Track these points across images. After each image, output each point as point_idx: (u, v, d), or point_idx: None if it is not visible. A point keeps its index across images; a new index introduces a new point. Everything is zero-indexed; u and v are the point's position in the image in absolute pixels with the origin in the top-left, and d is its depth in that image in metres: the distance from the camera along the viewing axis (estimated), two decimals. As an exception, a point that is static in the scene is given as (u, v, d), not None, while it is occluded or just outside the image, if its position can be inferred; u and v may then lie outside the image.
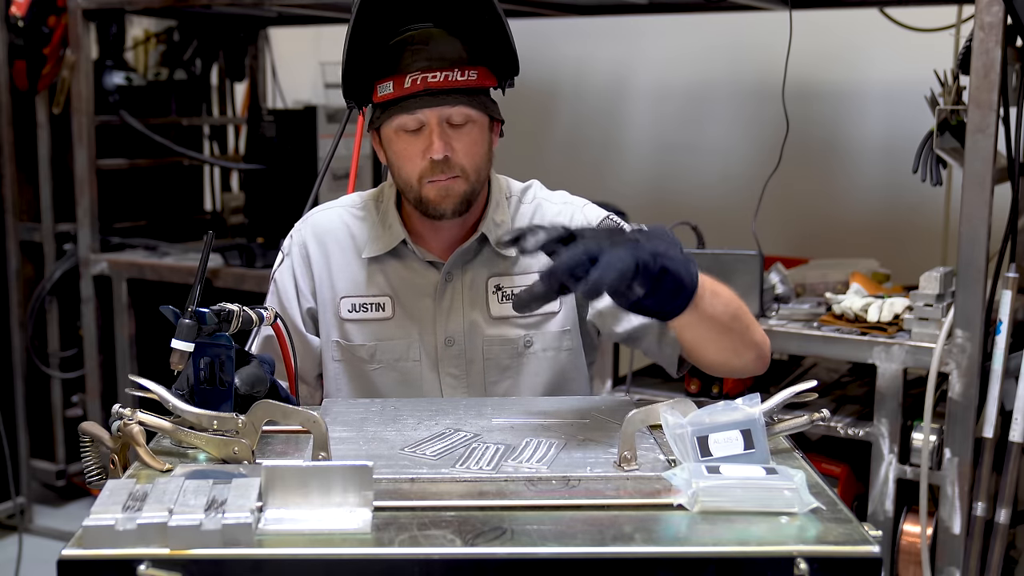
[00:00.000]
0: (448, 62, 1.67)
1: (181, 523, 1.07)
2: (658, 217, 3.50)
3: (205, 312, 1.40)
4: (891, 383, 2.58)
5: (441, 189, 1.70)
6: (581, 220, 1.82)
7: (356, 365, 1.81)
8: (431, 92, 1.66)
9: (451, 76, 1.66)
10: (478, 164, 1.72)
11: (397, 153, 1.72)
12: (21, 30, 3.71)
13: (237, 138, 4.68)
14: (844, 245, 3.64)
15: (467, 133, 1.70)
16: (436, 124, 1.67)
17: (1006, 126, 2.46)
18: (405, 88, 1.67)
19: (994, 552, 2.47)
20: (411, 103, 1.67)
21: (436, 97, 1.66)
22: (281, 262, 1.87)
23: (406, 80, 1.67)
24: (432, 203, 1.71)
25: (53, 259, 3.97)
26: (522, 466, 1.31)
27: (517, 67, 1.73)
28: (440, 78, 1.66)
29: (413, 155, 1.70)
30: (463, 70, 1.67)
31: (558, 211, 1.84)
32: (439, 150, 1.67)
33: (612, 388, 3.01)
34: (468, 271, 1.80)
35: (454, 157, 1.69)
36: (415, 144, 1.69)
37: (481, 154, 1.73)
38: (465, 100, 1.68)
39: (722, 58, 4.00)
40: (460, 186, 1.71)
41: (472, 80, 1.68)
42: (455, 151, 1.69)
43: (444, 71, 1.66)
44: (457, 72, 1.67)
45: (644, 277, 1.34)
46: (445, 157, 1.67)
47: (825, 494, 1.22)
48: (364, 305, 1.81)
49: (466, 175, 1.71)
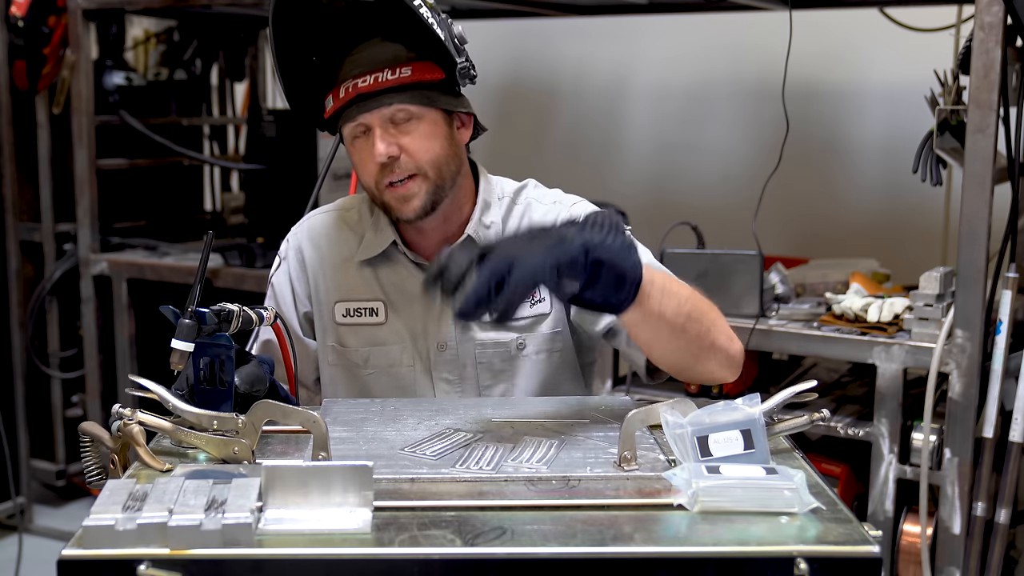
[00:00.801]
0: (378, 64, 1.67)
1: (181, 523, 1.07)
2: (658, 217, 3.50)
3: (205, 312, 1.40)
4: (891, 383, 2.58)
5: (399, 196, 1.70)
6: (567, 219, 1.79)
7: (351, 370, 1.81)
8: (363, 96, 1.67)
9: (380, 77, 1.66)
10: (436, 159, 1.70)
11: (356, 164, 1.74)
12: (21, 30, 3.71)
13: (237, 138, 4.68)
14: (844, 245, 3.64)
15: (414, 129, 1.68)
16: (377, 126, 1.67)
17: (1006, 126, 2.46)
18: (341, 99, 1.69)
19: (994, 552, 2.47)
20: (349, 112, 1.69)
21: (369, 100, 1.67)
22: (278, 266, 1.87)
23: (340, 91, 1.69)
24: (395, 208, 1.72)
25: (53, 259, 3.97)
26: (522, 466, 1.31)
27: (450, 55, 1.67)
28: (369, 81, 1.66)
29: (366, 162, 1.70)
30: (394, 69, 1.66)
31: (546, 211, 1.82)
32: (381, 152, 1.66)
33: (612, 388, 3.01)
34: None
35: (403, 156, 1.68)
36: (366, 151, 1.70)
37: (436, 149, 1.70)
38: (400, 98, 1.67)
39: (722, 58, 4.00)
40: (420, 186, 1.70)
41: (406, 77, 1.67)
42: (404, 149, 1.68)
43: (373, 74, 1.66)
44: (387, 72, 1.66)
45: (574, 271, 1.33)
46: (390, 158, 1.67)
47: (825, 494, 1.22)
48: (358, 310, 1.81)
49: (423, 172, 1.69)
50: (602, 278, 1.36)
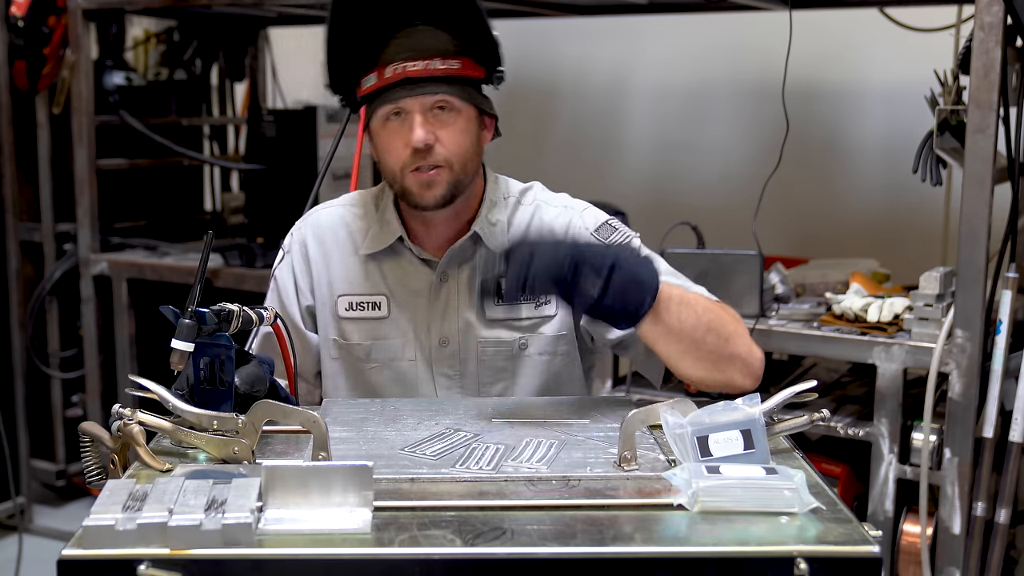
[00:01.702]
0: (429, 51, 1.67)
1: (181, 523, 1.07)
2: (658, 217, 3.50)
3: (205, 312, 1.40)
4: (891, 383, 2.58)
5: (423, 181, 1.70)
6: (579, 224, 1.81)
7: (353, 364, 1.82)
8: (411, 80, 1.66)
9: (431, 65, 1.67)
10: (463, 155, 1.71)
11: (382, 145, 1.73)
12: (21, 30, 3.71)
13: (237, 138, 4.68)
14: (844, 245, 3.63)
15: (451, 122, 1.70)
16: (418, 112, 1.68)
17: (1006, 126, 2.46)
18: (386, 78, 1.68)
19: (994, 552, 2.47)
20: (392, 93, 1.68)
21: (416, 86, 1.67)
22: (281, 260, 1.87)
23: (387, 70, 1.68)
24: (415, 194, 1.71)
25: (53, 259, 3.97)
26: (522, 466, 1.31)
27: (500, 58, 1.72)
28: (420, 67, 1.66)
29: (396, 146, 1.70)
30: (444, 59, 1.68)
31: (556, 215, 1.83)
32: (420, 138, 1.66)
33: (612, 388, 3.01)
34: (464, 272, 1.80)
35: (437, 146, 1.68)
36: (398, 134, 1.70)
37: (467, 145, 1.72)
38: (447, 89, 1.68)
39: (722, 58, 4.00)
40: (443, 176, 1.70)
41: (454, 69, 1.68)
42: (438, 140, 1.68)
43: (424, 60, 1.67)
44: (438, 61, 1.67)
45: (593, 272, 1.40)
46: (427, 145, 1.67)
47: (825, 494, 1.22)
48: (360, 303, 1.81)
49: (450, 165, 1.70)
50: (620, 283, 1.40)
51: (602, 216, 1.84)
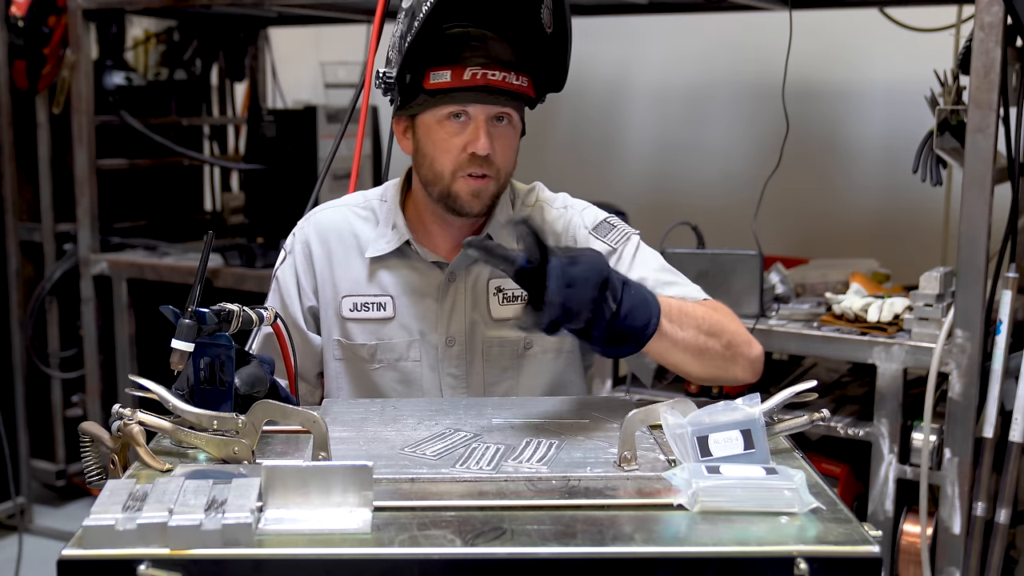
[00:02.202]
0: (506, 64, 1.70)
1: (181, 523, 1.07)
2: (658, 217, 3.50)
3: (205, 312, 1.40)
4: (891, 383, 2.58)
5: (474, 188, 1.71)
6: (579, 223, 1.83)
7: (357, 364, 1.82)
8: (489, 89, 1.68)
9: (508, 78, 1.69)
10: (509, 167, 1.77)
11: (435, 143, 1.72)
12: (21, 30, 3.71)
13: (237, 138, 4.68)
14: (844, 245, 3.63)
15: (507, 135, 1.73)
16: (484, 120, 1.69)
17: (1006, 126, 2.46)
18: (464, 80, 1.68)
19: (994, 552, 2.47)
20: (467, 95, 1.68)
21: (492, 95, 1.69)
22: (283, 260, 1.87)
23: (466, 72, 1.68)
24: (462, 199, 1.72)
25: (53, 259, 3.97)
26: (522, 466, 1.31)
27: (563, 84, 1.77)
28: (499, 77, 1.68)
29: (453, 147, 1.70)
30: (518, 75, 1.71)
31: (557, 215, 1.84)
32: (485, 146, 1.69)
33: (612, 388, 3.01)
34: (471, 272, 1.80)
35: (493, 156, 1.71)
36: (458, 137, 1.70)
37: (512, 158, 1.77)
38: (514, 104, 1.72)
39: (722, 58, 4.00)
40: (491, 187, 1.73)
41: (523, 86, 1.72)
42: (495, 150, 1.71)
43: (503, 72, 1.69)
44: (513, 75, 1.70)
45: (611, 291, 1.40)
46: (487, 155, 1.69)
47: (825, 494, 1.22)
48: (365, 304, 1.81)
49: (498, 176, 1.73)
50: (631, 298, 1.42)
51: (601, 214, 1.85)
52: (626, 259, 1.79)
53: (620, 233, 1.81)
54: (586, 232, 1.81)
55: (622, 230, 1.82)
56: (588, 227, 1.82)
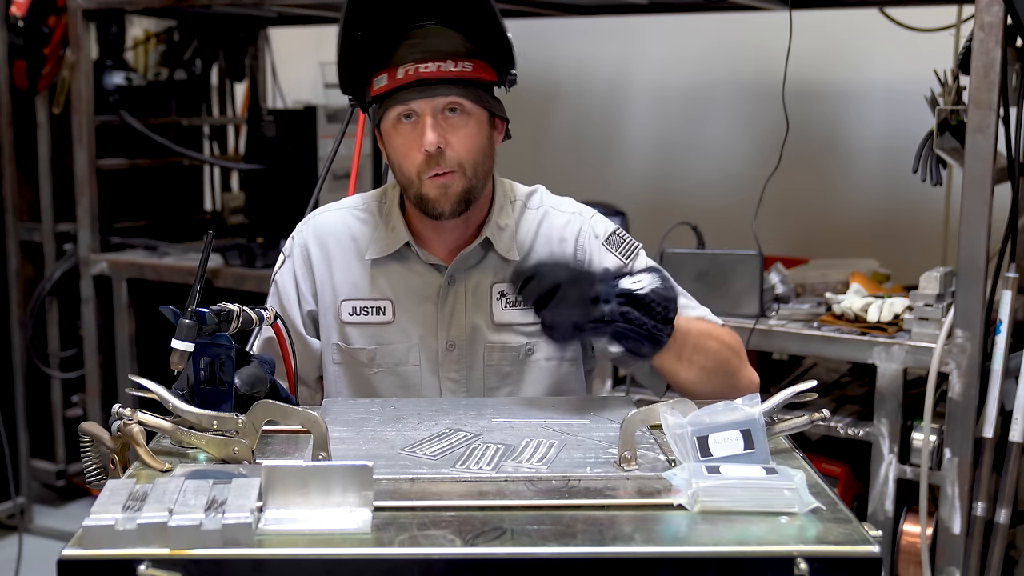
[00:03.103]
0: (442, 53, 1.66)
1: (181, 523, 1.07)
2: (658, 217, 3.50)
3: (205, 312, 1.40)
4: (891, 383, 2.58)
5: (440, 185, 1.67)
6: (590, 232, 1.81)
7: (356, 368, 1.81)
8: (423, 82, 1.65)
9: (443, 67, 1.65)
10: (475, 159, 1.70)
11: (395, 148, 1.71)
12: (21, 30, 3.71)
13: (237, 138, 4.68)
14: (844, 245, 3.64)
15: (462, 126, 1.68)
16: (429, 115, 1.66)
17: (1006, 126, 2.46)
18: (398, 79, 1.66)
19: (994, 552, 2.47)
20: (403, 94, 1.66)
21: (428, 88, 1.65)
22: (282, 264, 1.86)
23: (399, 71, 1.66)
24: (431, 201, 1.69)
25: (53, 259, 3.97)
26: (522, 466, 1.30)
27: (513, 60, 1.71)
28: (432, 68, 1.65)
29: (410, 150, 1.68)
30: (456, 61, 1.66)
31: (567, 220, 1.82)
32: (431, 141, 1.65)
33: (612, 388, 3.01)
34: (472, 276, 1.79)
35: (448, 151, 1.67)
36: (411, 138, 1.68)
37: (478, 149, 1.70)
38: (458, 91, 1.66)
39: (722, 58, 4.00)
40: (457, 182, 1.68)
41: (466, 72, 1.67)
42: (449, 144, 1.67)
43: (436, 61, 1.65)
44: (450, 63, 1.65)
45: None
46: (439, 149, 1.65)
47: (825, 494, 1.22)
48: (365, 308, 1.80)
49: (463, 170, 1.68)
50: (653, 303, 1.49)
51: (610, 225, 1.84)
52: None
53: (629, 246, 1.82)
54: (598, 243, 1.80)
55: (631, 243, 1.82)
56: (600, 237, 1.80)
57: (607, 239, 1.81)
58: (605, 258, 1.78)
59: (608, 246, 1.80)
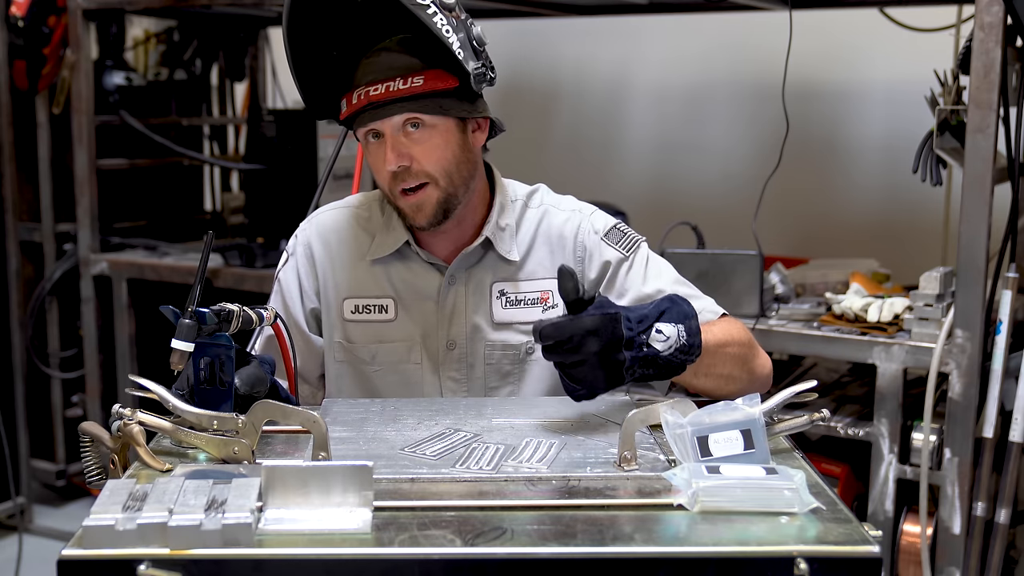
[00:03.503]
0: (392, 72, 1.66)
1: (181, 523, 1.07)
2: (658, 217, 3.50)
3: (205, 312, 1.40)
4: (891, 383, 2.58)
5: (412, 204, 1.70)
6: (589, 228, 1.81)
7: (358, 366, 1.81)
8: (373, 105, 1.66)
9: (392, 86, 1.65)
10: (447, 168, 1.70)
11: (372, 166, 1.74)
12: (21, 30, 3.71)
13: (237, 138, 4.68)
14: (844, 245, 3.64)
15: (426, 139, 1.68)
16: (389, 135, 1.68)
17: (1006, 126, 2.46)
18: (353, 104, 1.69)
19: (994, 552, 2.47)
20: (360, 118, 1.69)
21: (379, 110, 1.66)
22: (285, 262, 1.87)
23: (353, 96, 1.69)
24: (408, 215, 1.73)
25: (53, 259, 3.97)
26: (522, 466, 1.31)
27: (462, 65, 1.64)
28: (380, 90, 1.66)
29: (380, 167, 1.71)
30: (405, 78, 1.65)
31: (565, 219, 1.82)
32: (392, 160, 1.67)
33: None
34: (473, 275, 1.80)
35: (415, 165, 1.68)
36: (379, 156, 1.70)
37: (448, 157, 1.70)
38: (411, 106, 1.66)
39: (722, 58, 4.00)
40: (431, 194, 1.70)
41: (417, 86, 1.66)
42: (415, 159, 1.68)
43: (385, 82, 1.66)
44: (399, 81, 1.65)
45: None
46: (400, 167, 1.67)
47: (825, 494, 1.22)
48: (366, 307, 1.81)
49: (434, 181, 1.69)
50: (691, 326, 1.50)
51: (611, 220, 1.84)
52: (638, 267, 1.79)
53: (630, 240, 1.81)
54: (597, 238, 1.80)
55: (632, 237, 1.82)
56: (599, 232, 1.81)
57: (606, 233, 1.81)
58: (605, 252, 1.79)
59: (607, 240, 1.80)
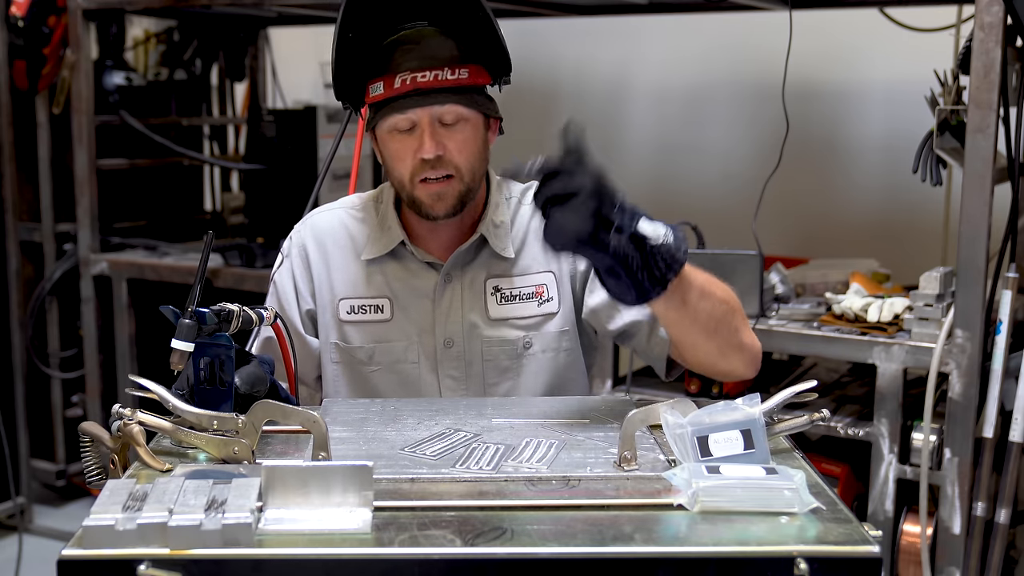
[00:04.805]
0: (438, 61, 1.66)
1: (181, 523, 1.07)
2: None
3: (205, 312, 1.40)
4: (891, 383, 2.58)
5: (433, 193, 1.70)
6: None
7: (355, 367, 1.81)
8: (421, 92, 1.66)
9: (440, 75, 1.66)
10: (472, 163, 1.72)
11: (390, 154, 1.73)
12: (21, 30, 3.71)
13: (237, 138, 4.68)
14: (844, 245, 3.63)
15: (459, 132, 1.69)
16: (427, 124, 1.67)
17: (1006, 126, 2.46)
18: (395, 88, 1.67)
19: (994, 552, 2.47)
20: (401, 103, 1.67)
21: (426, 96, 1.66)
22: (280, 264, 1.87)
23: (396, 80, 1.67)
24: (425, 204, 1.72)
25: (53, 259, 3.97)
26: (522, 466, 1.31)
27: (509, 64, 1.72)
28: (429, 77, 1.66)
29: (405, 155, 1.70)
30: (453, 69, 1.67)
31: None
32: (430, 150, 1.67)
33: (612, 388, 3.01)
34: (467, 272, 1.80)
35: (446, 155, 1.69)
36: (407, 144, 1.69)
37: (475, 152, 1.72)
38: (455, 99, 1.67)
39: (722, 58, 4.00)
40: (454, 187, 1.71)
41: (463, 79, 1.68)
42: (447, 150, 1.68)
43: (434, 70, 1.66)
44: (447, 71, 1.66)
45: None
46: (437, 156, 1.67)
47: (825, 494, 1.22)
48: (363, 307, 1.81)
49: (460, 174, 1.71)
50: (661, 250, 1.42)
51: None
52: None
53: None
54: None
55: None
56: None
57: None
58: None
59: None
